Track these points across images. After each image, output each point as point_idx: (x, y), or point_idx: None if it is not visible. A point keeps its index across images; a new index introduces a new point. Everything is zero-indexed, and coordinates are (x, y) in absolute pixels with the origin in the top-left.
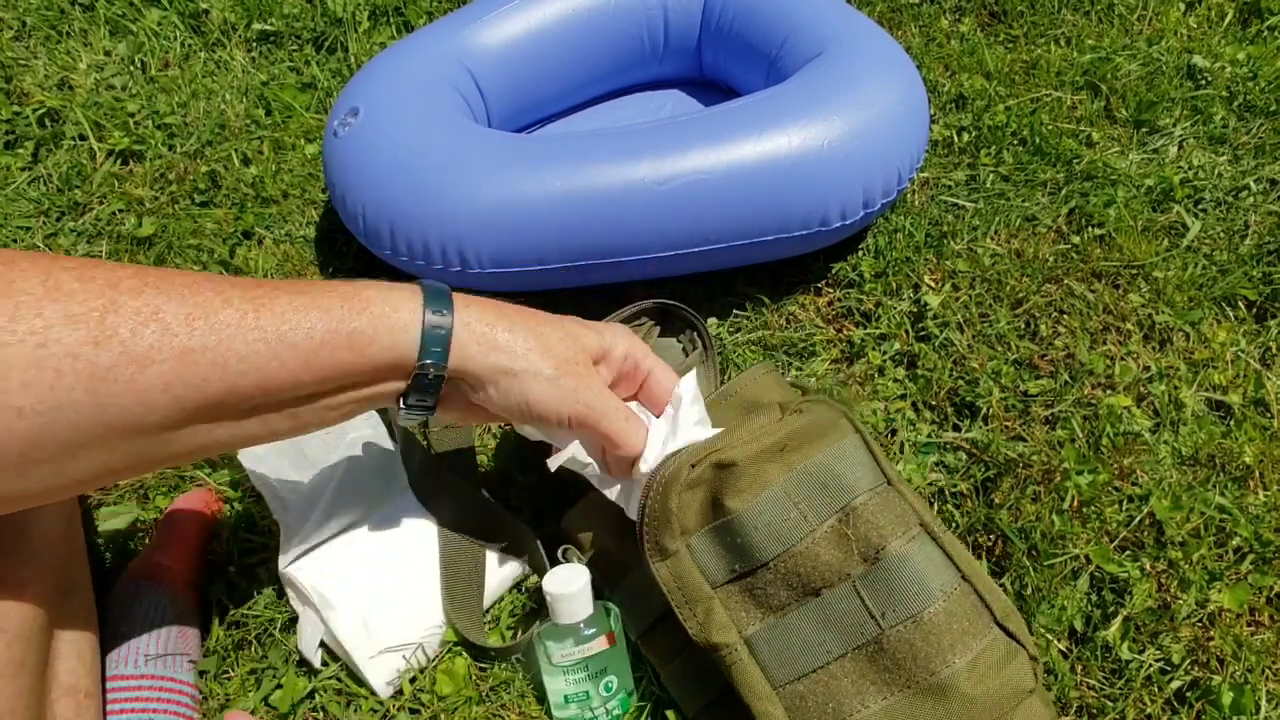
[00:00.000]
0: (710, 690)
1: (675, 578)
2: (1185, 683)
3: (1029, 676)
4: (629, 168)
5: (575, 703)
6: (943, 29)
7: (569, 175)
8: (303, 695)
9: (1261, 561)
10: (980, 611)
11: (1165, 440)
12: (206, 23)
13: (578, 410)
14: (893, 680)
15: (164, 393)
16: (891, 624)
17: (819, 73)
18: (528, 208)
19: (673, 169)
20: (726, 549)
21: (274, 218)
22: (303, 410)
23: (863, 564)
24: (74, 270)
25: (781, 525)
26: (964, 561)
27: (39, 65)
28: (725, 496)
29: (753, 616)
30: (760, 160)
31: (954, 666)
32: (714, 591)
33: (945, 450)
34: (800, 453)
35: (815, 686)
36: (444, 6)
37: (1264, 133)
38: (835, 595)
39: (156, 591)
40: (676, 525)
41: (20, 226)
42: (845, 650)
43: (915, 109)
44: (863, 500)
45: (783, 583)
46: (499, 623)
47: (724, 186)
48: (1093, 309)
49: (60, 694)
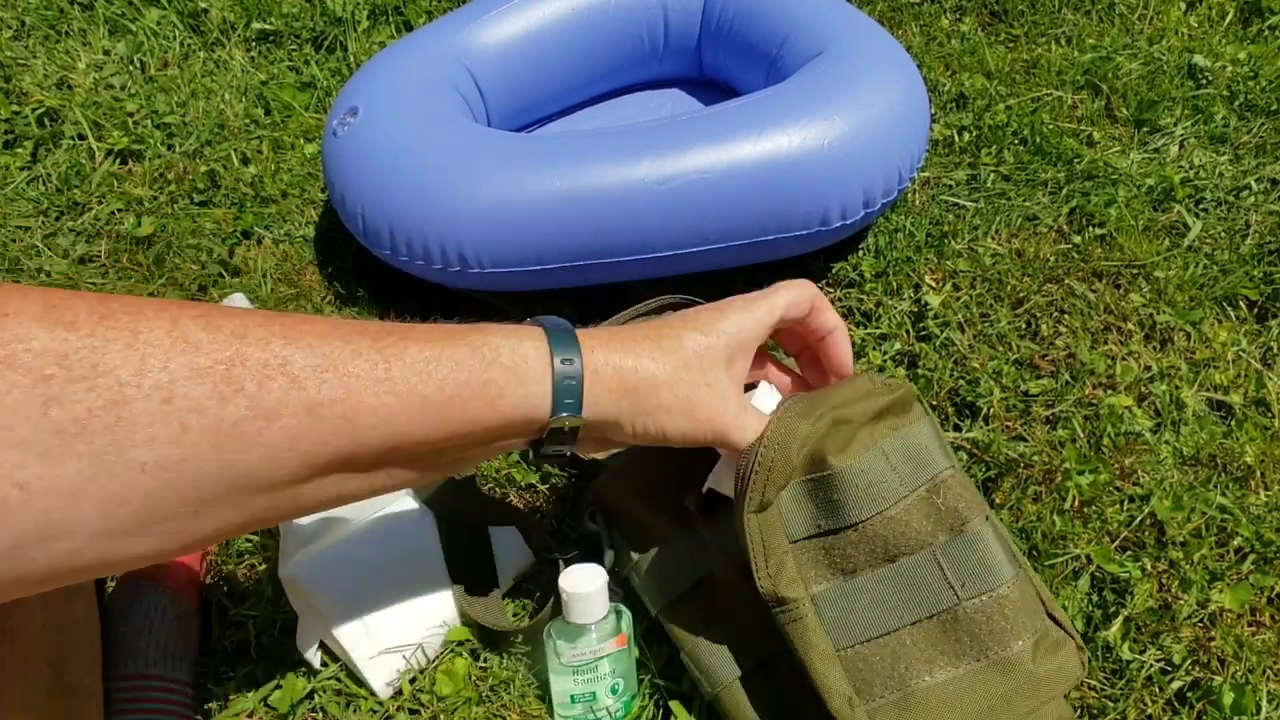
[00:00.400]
0: (745, 663)
1: (762, 529)
2: (1186, 683)
3: (1078, 665)
4: (629, 167)
5: (581, 703)
6: (943, 28)
7: (568, 175)
8: (302, 695)
9: (1263, 561)
10: (1036, 601)
11: (1166, 440)
12: (206, 22)
13: (709, 436)
14: (964, 651)
15: (291, 448)
16: (969, 595)
17: (819, 72)
18: (527, 207)
19: (672, 168)
20: (817, 505)
21: (273, 217)
22: (432, 462)
23: (947, 535)
24: (201, 319)
25: (882, 486)
26: (1020, 556)
27: (38, 65)
28: (830, 453)
29: (822, 576)
30: (760, 160)
31: (1024, 643)
32: (790, 546)
33: None
34: (895, 422)
35: (882, 651)
36: (443, 6)
37: (1265, 132)
38: (914, 563)
39: (156, 592)
40: (782, 476)
41: (19, 226)
42: (919, 618)
43: (916, 108)
44: (950, 474)
45: (865, 545)
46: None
47: (724, 186)
48: (1093, 309)
49: (62, 694)
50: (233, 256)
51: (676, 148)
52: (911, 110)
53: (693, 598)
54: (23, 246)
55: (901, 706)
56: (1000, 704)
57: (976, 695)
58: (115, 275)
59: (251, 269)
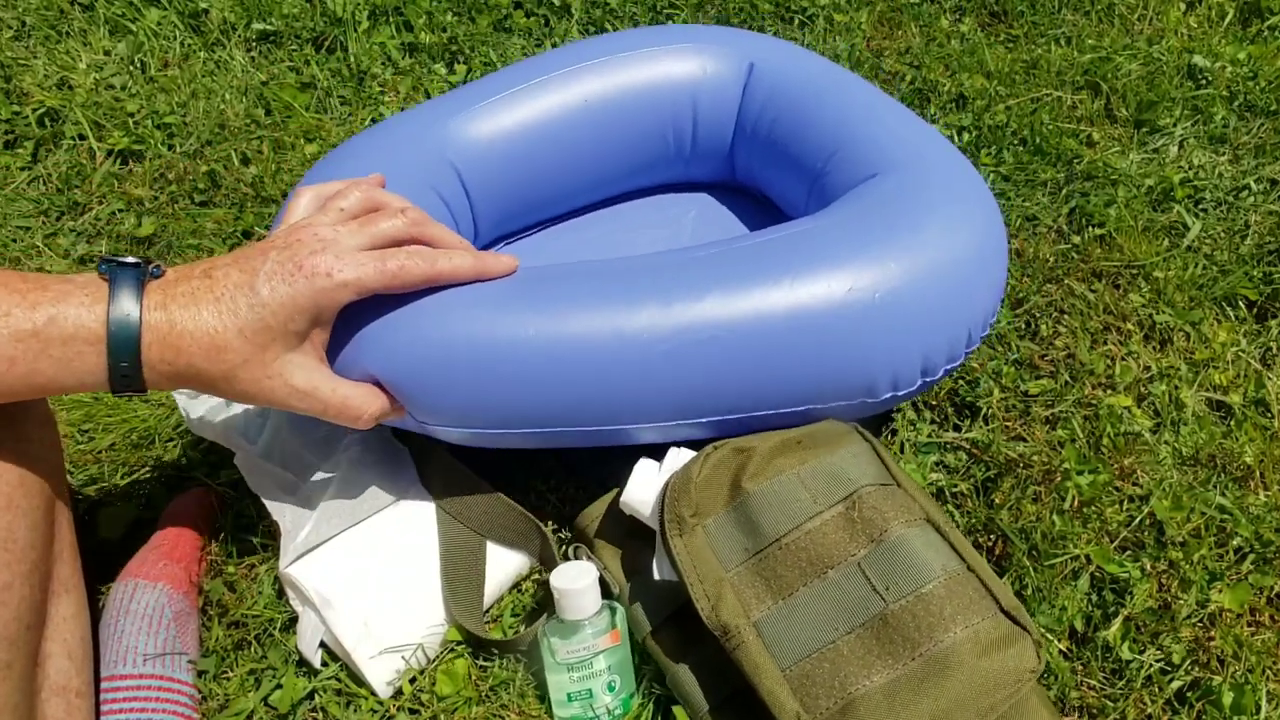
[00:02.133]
0: (720, 690)
1: (691, 554)
2: (1186, 683)
3: (1032, 657)
4: (624, 315)
5: (578, 701)
6: (943, 29)
7: (545, 321)
8: (302, 695)
9: (1262, 561)
10: (984, 596)
11: (1166, 440)
12: (206, 22)
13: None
14: (899, 652)
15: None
16: (895, 598)
17: (871, 200)
18: (491, 359)
19: (679, 322)
20: (741, 530)
21: (273, 218)
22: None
23: (867, 545)
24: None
25: (793, 504)
26: (970, 556)
27: (39, 65)
28: (743, 479)
29: (762, 601)
30: (792, 315)
31: (956, 635)
32: (726, 575)
33: (945, 450)
34: (814, 451)
35: (822, 664)
36: (443, 6)
37: (1264, 132)
38: (841, 575)
39: (155, 591)
40: (695, 495)
41: (20, 226)
42: (851, 628)
43: (993, 252)
44: (868, 490)
45: (791, 561)
46: (501, 620)
47: (744, 348)
48: (1093, 309)
49: (50, 694)
50: None
51: (686, 294)
52: (988, 254)
53: (672, 626)
54: (23, 246)
55: (845, 714)
56: (954, 706)
57: (924, 697)
58: None
59: None
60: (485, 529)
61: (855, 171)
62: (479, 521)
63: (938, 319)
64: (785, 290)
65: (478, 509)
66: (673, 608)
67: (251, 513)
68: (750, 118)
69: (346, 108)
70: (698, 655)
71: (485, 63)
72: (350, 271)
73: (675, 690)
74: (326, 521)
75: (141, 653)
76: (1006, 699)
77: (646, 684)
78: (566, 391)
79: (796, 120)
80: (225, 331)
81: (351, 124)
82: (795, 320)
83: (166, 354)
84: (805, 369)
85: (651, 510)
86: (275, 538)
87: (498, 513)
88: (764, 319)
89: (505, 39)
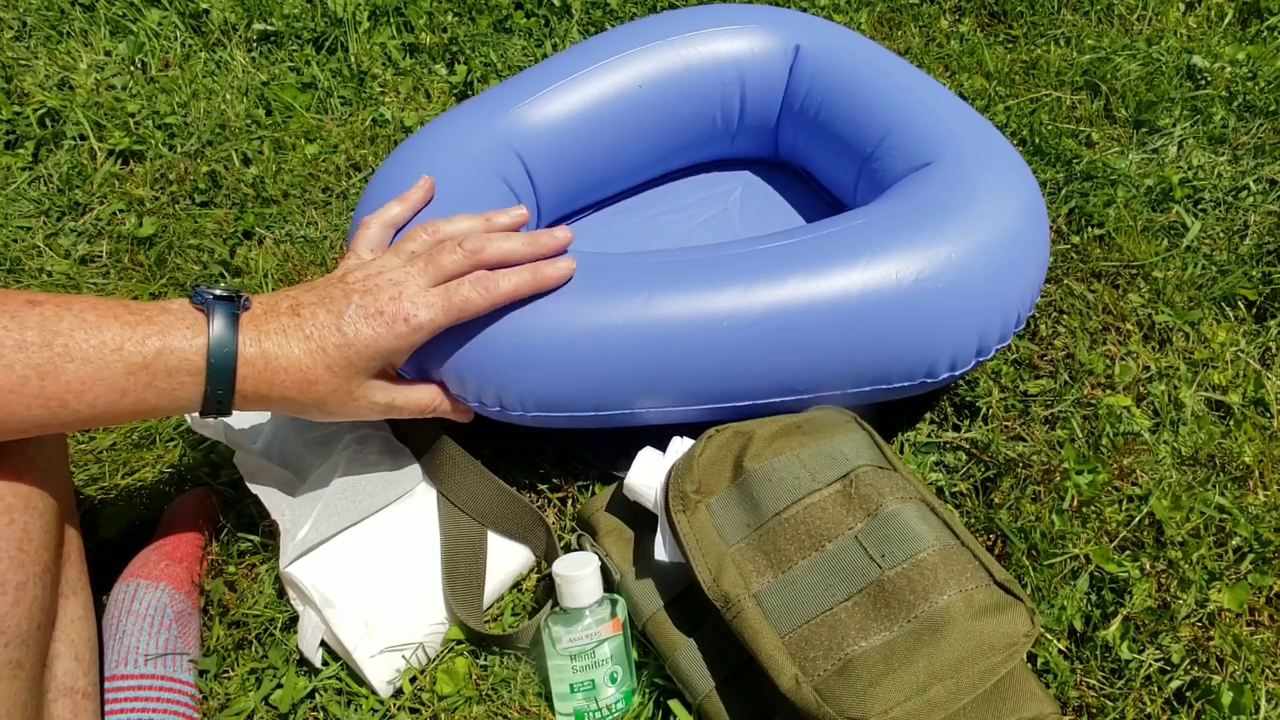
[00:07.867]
0: (720, 670)
1: (694, 529)
2: (1185, 682)
3: (1026, 623)
4: (708, 301)
5: (581, 692)
6: (942, 29)
7: (633, 307)
8: (303, 695)
9: (1261, 561)
10: (977, 569)
11: (1165, 440)
12: (207, 23)
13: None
14: (894, 615)
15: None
16: (891, 565)
17: (931, 189)
18: (582, 345)
19: (759, 307)
20: (742, 507)
21: (274, 218)
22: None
23: (864, 519)
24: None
25: (792, 481)
26: (963, 534)
27: (39, 65)
28: (745, 459)
29: (762, 574)
30: (865, 299)
31: (949, 597)
32: (728, 550)
33: (945, 450)
34: (813, 436)
35: (820, 629)
36: (444, 6)
37: (1263, 133)
38: (839, 547)
39: (156, 591)
40: (698, 473)
41: (20, 226)
42: (849, 595)
43: (1038, 236)
44: (865, 470)
45: (790, 535)
46: (502, 619)
47: (821, 331)
48: (1092, 309)
49: (58, 694)
50: (234, 257)
51: (765, 282)
52: (1034, 239)
53: (673, 611)
54: (24, 247)
55: (843, 674)
56: (949, 667)
57: (919, 657)
58: (116, 276)
59: (253, 269)
60: (488, 519)
61: (908, 158)
62: (482, 511)
63: (993, 302)
64: (858, 278)
65: (482, 499)
66: (674, 593)
67: (251, 513)
68: (798, 96)
69: (347, 108)
70: (698, 637)
71: (485, 63)
72: (424, 315)
73: (675, 674)
74: (326, 520)
75: (143, 653)
76: (1003, 662)
77: (647, 678)
78: (652, 373)
79: (844, 102)
80: (315, 368)
81: (352, 124)
82: (867, 306)
83: (260, 386)
84: (874, 351)
85: (655, 496)
86: (275, 537)
87: (502, 503)
88: (838, 305)
89: (506, 39)
